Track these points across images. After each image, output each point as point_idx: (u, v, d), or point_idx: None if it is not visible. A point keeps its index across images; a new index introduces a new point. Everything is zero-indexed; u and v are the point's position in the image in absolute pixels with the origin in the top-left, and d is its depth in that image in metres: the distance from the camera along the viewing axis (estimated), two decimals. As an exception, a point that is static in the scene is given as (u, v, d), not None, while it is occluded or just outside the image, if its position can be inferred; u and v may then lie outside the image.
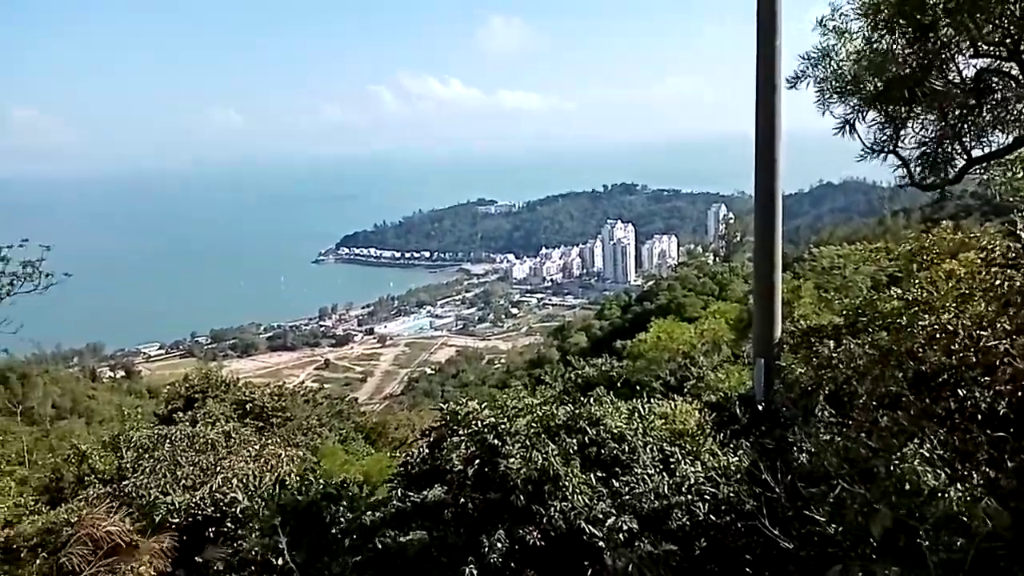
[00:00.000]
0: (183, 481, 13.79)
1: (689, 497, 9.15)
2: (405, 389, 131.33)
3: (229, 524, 10.29)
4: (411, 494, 10.86)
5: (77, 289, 17.57)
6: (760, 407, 11.56)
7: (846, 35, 8.81)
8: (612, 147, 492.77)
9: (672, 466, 9.73)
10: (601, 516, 8.63)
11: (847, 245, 29.05)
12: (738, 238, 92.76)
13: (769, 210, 12.44)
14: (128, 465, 15.49)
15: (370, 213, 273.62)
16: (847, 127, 8.88)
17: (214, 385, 27.77)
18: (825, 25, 8.78)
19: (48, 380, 69.45)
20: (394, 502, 10.51)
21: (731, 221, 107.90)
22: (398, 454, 24.64)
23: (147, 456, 15.01)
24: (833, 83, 8.97)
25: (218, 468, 13.80)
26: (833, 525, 7.13)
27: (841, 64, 8.91)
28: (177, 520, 10.89)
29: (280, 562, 7.95)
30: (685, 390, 14.70)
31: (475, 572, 8.45)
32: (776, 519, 7.86)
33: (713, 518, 9.05)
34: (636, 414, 10.60)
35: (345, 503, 9.41)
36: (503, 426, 10.06)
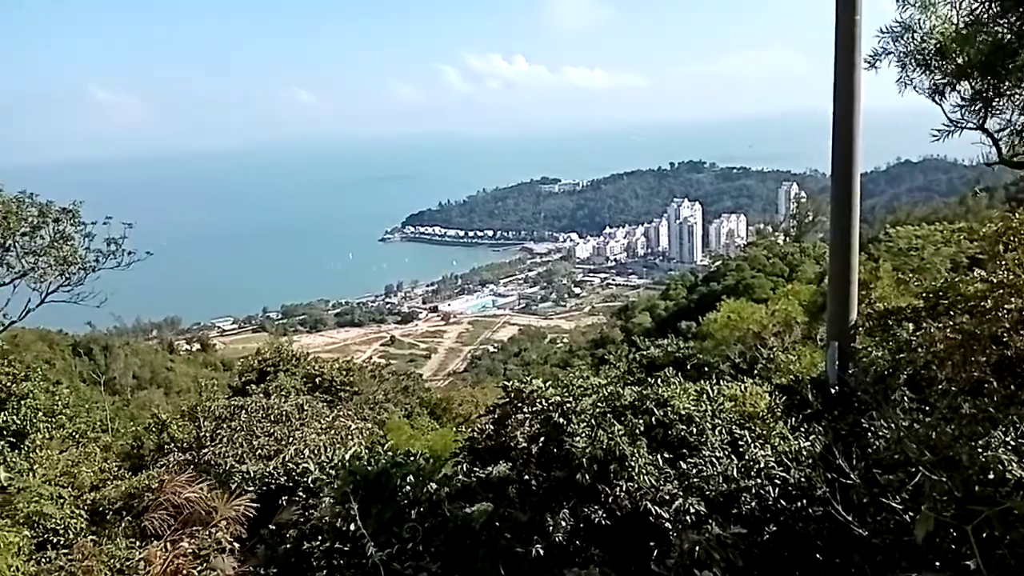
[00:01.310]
0: (258, 451, 14.30)
1: (758, 481, 9.00)
2: (468, 366, 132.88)
3: (301, 493, 10.63)
4: (476, 469, 11.01)
5: (156, 265, 18.27)
6: (833, 391, 11.28)
7: (930, 6, 8.36)
8: (679, 124, 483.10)
9: (741, 449, 9.58)
10: (668, 497, 8.58)
11: (926, 225, 27.92)
12: (810, 218, 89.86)
13: (846, 189, 12.01)
14: (206, 434, 16.12)
15: (435, 192, 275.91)
16: (936, 94, 8.44)
17: (285, 359, 28.64)
18: (907, -2, 8.36)
19: (129, 352, 72.70)
20: (459, 476, 10.68)
21: (803, 200, 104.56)
22: (462, 430, 25.00)
23: (224, 426, 15.59)
24: (916, 57, 8.55)
25: (291, 439, 14.26)
26: (910, 513, 6.94)
27: (925, 37, 8.48)
28: (252, 488, 11.29)
29: (352, 527, 8.16)
30: (755, 372, 14.42)
31: (540, 550, 8.51)
32: (850, 505, 7.68)
33: (783, 503, 8.90)
34: (705, 396, 10.45)
35: (412, 474, 9.59)
36: (568, 405, 10.06)
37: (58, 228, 15.78)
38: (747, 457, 9.49)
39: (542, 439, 10.27)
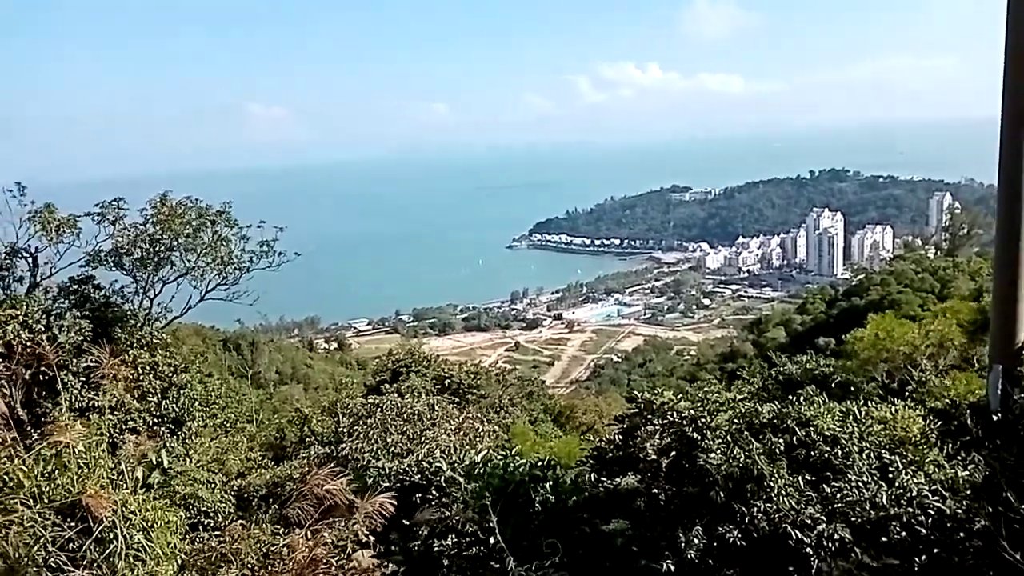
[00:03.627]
0: (392, 448, 14.80)
1: (910, 510, 8.42)
2: (591, 375, 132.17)
3: (434, 492, 10.89)
4: (604, 479, 10.89)
5: (299, 267, 19.36)
6: (996, 417, 10.40)
7: None
8: (821, 131, 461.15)
9: (891, 475, 8.99)
10: (810, 522, 8.15)
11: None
12: (964, 230, 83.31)
13: (1015, 200, 11.08)
14: (344, 430, 16.86)
15: (563, 200, 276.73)
16: None
17: (417, 361, 29.53)
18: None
19: (273, 348, 77.37)
20: (587, 487, 10.59)
21: (957, 211, 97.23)
22: (587, 438, 24.88)
23: (361, 423, 16.24)
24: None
25: (422, 438, 14.67)
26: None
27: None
28: (387, 484, 11.66)
29: (492, 540, 8.24)
30: (906, 395, 13.48)
31: (672, 566, 8.30)
32: (1018, 542, 7.03)
33: (937, 534, 8.28)
34: (851, 417, 9.87)
35: (550, 487, 9.60)
36: (703, 420, 9.78)
37: (216, 230, 17.05)
38: (897, 484, 8.90)
39: (673, 453, 10.04)
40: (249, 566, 9.30)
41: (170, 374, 15.97)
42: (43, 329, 14.27)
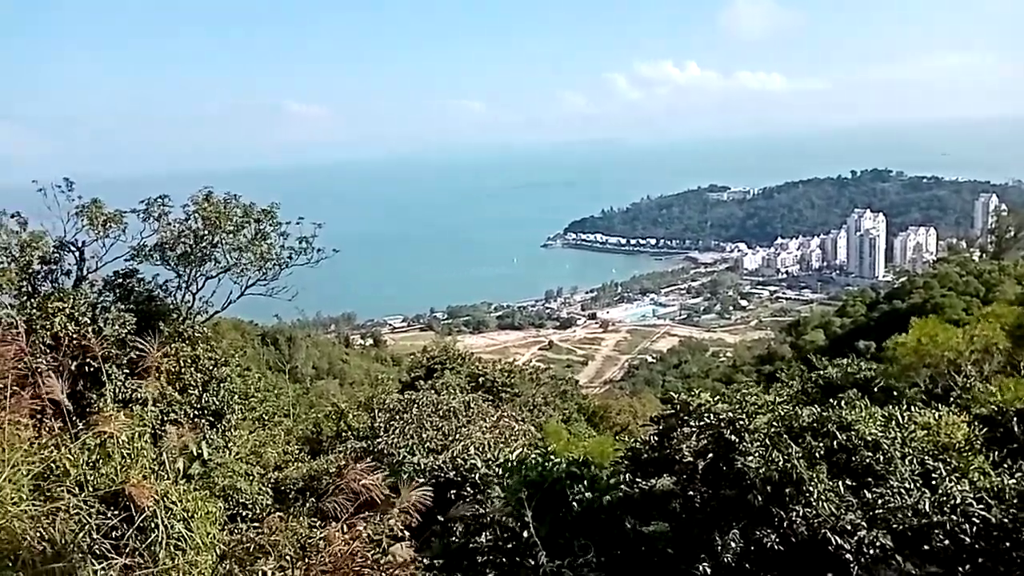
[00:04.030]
0: (427, 443, 14.88)
1: (954, 518, 8.23)
2: (625, 375, 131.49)
3: (468, 488, 10.92)
4: (639, 480, 10.82)
5: (336, 264, 19.55)
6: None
7: None
8: (863, 130, 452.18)
9: (934, 482, 8.80)
10: (850, 528, 8.01)
11: None
12: (1011, 233, 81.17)
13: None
14: (380, 425, 16.99)
15: (598, 199, 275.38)
16: None
17: (452, 358, 29.68)
18: None
19: (310, 344, 78.34)
20: (622, 487, 10.53)
21: (1004, 214, 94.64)
22: (621, 439, 24.74)
23: (397, 418, 16.35)
24: None
25: (457, 435, 14.72)
26: None
27: None
28: (422, 480, 11.74)
29: (525, 535, 8.26)
30: (950, 401, 13.16)
31: (707, 568, 8.22)
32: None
33: (982, 543, 8.08)
34: (893, 422, 9.68)
35: (586, 483, 9.58)
36: (741, 422, 9.66)
37: (259, 228, 17.31)
38: (941, 491, 8.71)
39: (710, 455, 9.94)
40: (287, 558, 9.41)
41: (210, 367, 16.25)
42: (89, 322, 14.63)
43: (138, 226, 17.09)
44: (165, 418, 14.37)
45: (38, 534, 7.73)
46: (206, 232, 16.78)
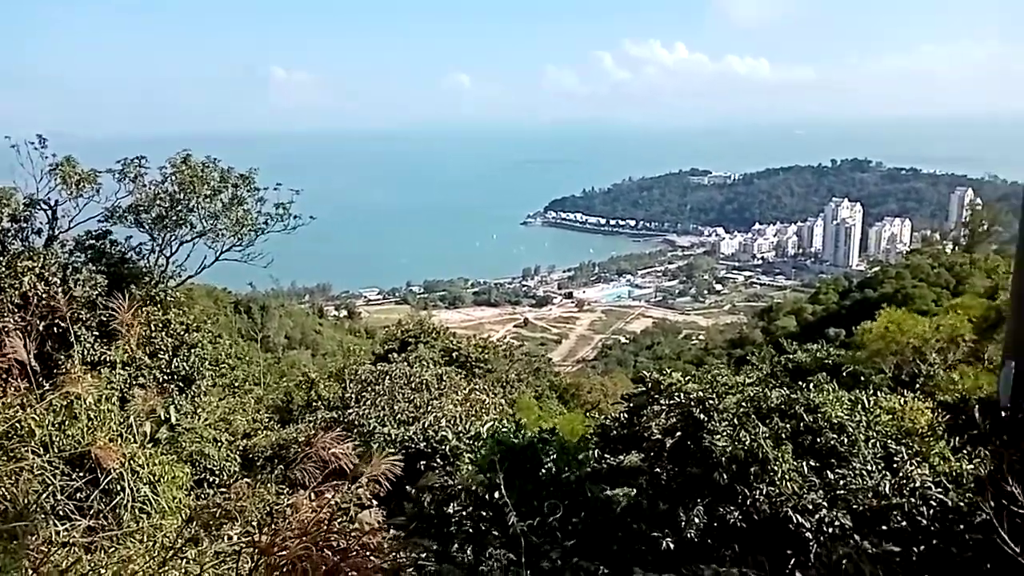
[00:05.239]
0: (398, 415, 14.91)
1: (912, 500, 8.42)
2: (598, 355, 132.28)
3: (438, 460, 10.99)
4: (607, 456, 10.95)
5: (312, 233, 19.37)
6: (1005, 414, 10.33)
7: None
8: (846, 120, 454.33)
9: (896, 465, 9.00)
10: (811, 507, 8.18)
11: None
12: (984, 227, 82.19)
13: (1041, 195, 10.89)
14: (351, 396, 17.00)
15: (581, 178, 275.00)
16: None
17: (426, 332, 29.68)
18: None
19: (283, 313, 77.87)
20: (592, 461, 10.65)
21: (978, 207, 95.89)
22: (591, 416, 24.97)
23: (369, 389, 16.35)
24: None
25: (429, 407, 14.76)
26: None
27: None
28: (392, 451, 11.77)
29: (496, 495, 8.35)
30: (915, 387, 13.45)
31: (671, 543, 8.36)
32: (1020, 537, 7.01)
33: (937, 525, 8.29)
34: (859, 406, 9.86)
35: (557, 452, 9.68)
36: (710, 402, 9.79)
37: (236, 193, 17.10)
38: (901, 474, 8.91)
39: (678, 433, 10.07)
40: (253, 523, 9.43)
41: (182, 332, 16.11)
42: (59, 282, 14.41)
43: (113, 187, 16.83)
44: (134, 382, 14.26)
45: (0, 493, 7.64)
46: (182, 195, 16.53)
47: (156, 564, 7.23)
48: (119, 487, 9.07)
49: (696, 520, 8.70)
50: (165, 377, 15.24)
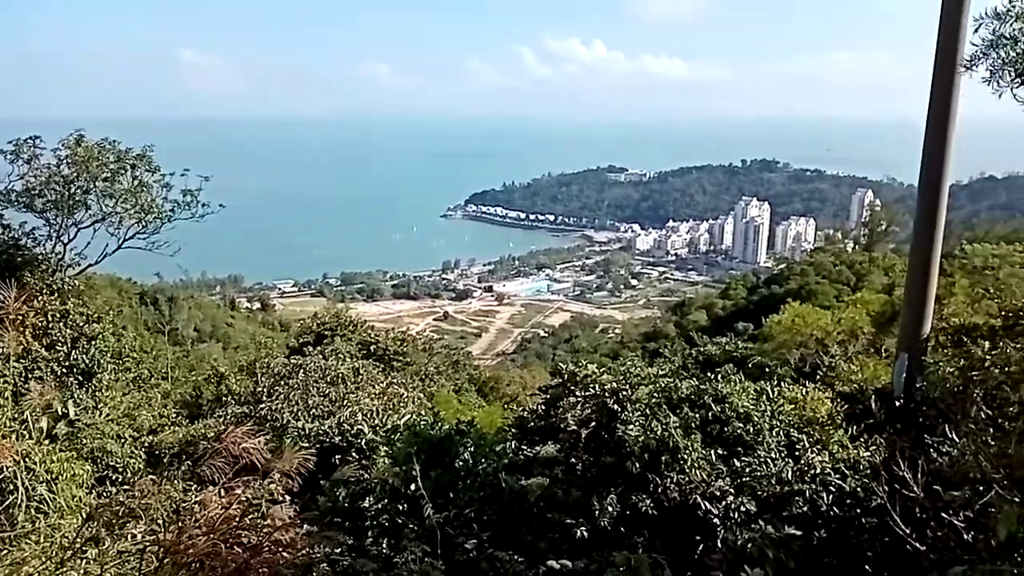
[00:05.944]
0: (312, 410, 14.62)
1: (813, 486, 8.82)
2: (518, 348, 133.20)
3: (354, 454, 10.85)
4: (524, 447, 11.05)
5: (225, 223, 18.78)
6: (898, 403, 10.94)
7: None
8: (756, 121, 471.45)
9: (798, 453, 9.40)
10: (719, 494, 8.46)
11: (1005, 244, 26.81)
12: (883, 227, 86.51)
13: (933, 200, 11.55)
14: (263, 390, 16.56)
15: (500, 172, 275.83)
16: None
17: (343, 325, 29.14)
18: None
19: (192, 305, 75.15)
20: (508, 453, 10.73)
21: (877, 208, 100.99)
22: (510, 409, 25.13)
23: (282, 383, 15.96)
24: (1018, 65, 8.08)
25: (345, 401, 14.53)
26: (973, 532, 6.72)
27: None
28: (306, 445, 11.56)
29: (413, 488, 8.30)
30: (817, 378, 14.08)
31: (585, 532, 8.51)
32: (909, 519, 7.45)
33: (836, 510, 8.71)
34: (764, 396, 10.26)
35: (473, 444, 9.70)
36: (624, 393, 9.99)
37: (135, 175, 16.37)
38: (803, 461, 9.31)
39: (593, 424, 10.24)
40: (159, 521, 9.08)
41: (81, 323, 15.33)
42: (-57, 269, 13.50)
43: (6, 169, 15.88)
44: (29, 375, 13.50)
45: None
46: (76, 177, 15.72)
47: (53, 565, 6.88)
48: (12, 486, 8.61)
49: (609, 508, 8.87)
50: (63, 370, 14.47)
